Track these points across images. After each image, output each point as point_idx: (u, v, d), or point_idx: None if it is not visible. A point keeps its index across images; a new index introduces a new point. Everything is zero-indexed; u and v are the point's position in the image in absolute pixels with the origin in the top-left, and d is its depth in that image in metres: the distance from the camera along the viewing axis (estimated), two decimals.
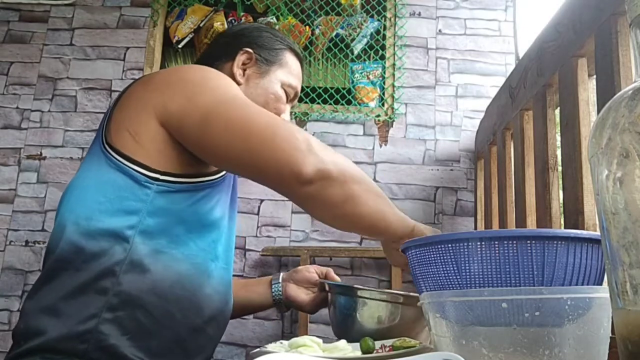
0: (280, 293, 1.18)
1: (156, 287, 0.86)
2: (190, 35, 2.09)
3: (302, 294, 1.17)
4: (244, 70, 1.08)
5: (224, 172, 0.99)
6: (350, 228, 0.95)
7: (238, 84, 1.04)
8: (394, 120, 2.03)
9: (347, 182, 0.84)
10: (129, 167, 0.87)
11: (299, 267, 1.22)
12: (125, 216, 0.86)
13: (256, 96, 1.04)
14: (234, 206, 1.09)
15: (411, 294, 0.94)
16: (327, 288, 1.06)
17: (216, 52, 1.12)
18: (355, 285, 1.00)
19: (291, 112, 2.01)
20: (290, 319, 1.87)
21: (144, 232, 0.86)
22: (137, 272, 0.85)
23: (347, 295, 0.97)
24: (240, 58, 1.08)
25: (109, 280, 0.84)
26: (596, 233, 0.56)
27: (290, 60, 1.13)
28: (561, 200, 1.12)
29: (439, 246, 0.57)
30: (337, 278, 1.19)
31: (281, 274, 1.21)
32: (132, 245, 0.85)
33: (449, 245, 0.56)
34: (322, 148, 0.84)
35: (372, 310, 0.93)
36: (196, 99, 0.87)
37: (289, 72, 1.12)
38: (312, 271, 1.19)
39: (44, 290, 0.85)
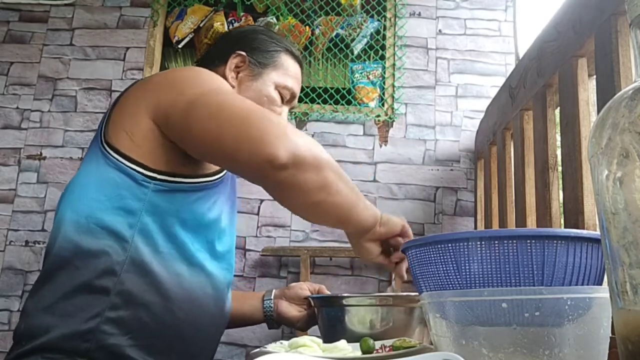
0: (272, 309, 1.18)
1: (157, 287, 0.87)
2: (190, 36, 2.09)
3: (294, 311, 1.16)
4: (237, 73, 1.08)
5: (222, 174, 0.99)
6: (320, 217, 0.91)
7: (231, 87, 1.04)
8: (394, 120, 2.03)
9: (322, 168, 0.81)
10: (126, 165, 0.88)
11: (292, 284, 1.21)
12: (124, 215, 0.86)
13: (249, 98, 1.04)
14: (233, 208, 1.09)
15: (396, 294, 0.95)
16: (312, 303, 1.06)
17: (212, 55, 1.13)
18: (337, 294, 0.99)
19: (291, 112, 2.01)
20: None
21: (143, 231, 0.87)
22: (138, 271, 0.86)
23: (330, 306, 0.97)
24: (233, 61, 1.08)
25: (110, 280, 0.84)
26: (596, 233, 0.56)
27: (286, 62, 1.12)
28: (561, 200, 1.12)
29: (439, 246, 0.57)
30: (329, 294, 1.18)
31: (273, 290, 1.21)
32: (132, 245, 0.86)
33: (449, 245, 0.56)
34: (296, 134, 0.81)
35: (356, 317, 0.93)
36: (183, 91, 0.87)
37: (284, 73, 1.11)
38: (304, 288, 1.18)
39: (44, 289, 0.85)
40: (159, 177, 0.89)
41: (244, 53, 1.08)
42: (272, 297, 1.19)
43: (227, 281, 1.01)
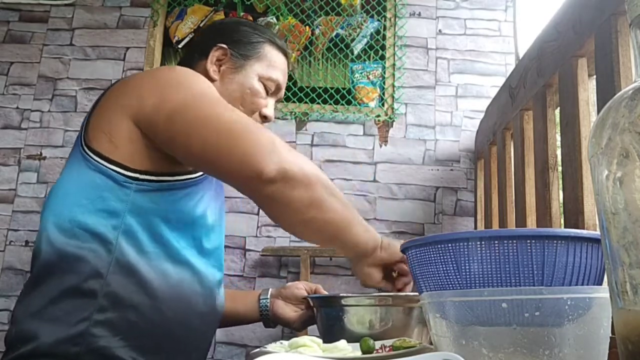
0: (268, 309, 1.17)
1: (144, 287, 0.87)
2: (190, 35, 2.09)
3: (290, 312, 1.15)
4: (219, 66, 1.06)
5: None
6: (313, 235, 0.90)
7: (212, 80, 1.02)
8: (394, 120, 2.03)
9: (312, 185, 0.80)
10: (107, 167, 0.87)
11: (288, 284, 1.20)
12: (107, 217, 0.86)
13: (232, 92, 1.03)
14: (221, 204, 1.08)
15: (396, 294, 0.94)
16: (311, 303, 1.06)
17: (194, 50, 1.11)
18: (335, 294, 0.98)
19: (291, 112, 2.01)
20: None
21: (127, 232, 0.87)
22: (124, 272, 0.85)
23: (329, 306, 0.97)
24: (215, 54, 1.05)
25: (97, 282, 0.84)
26: (596, 232, 0.56)
27: (270, 53, 1.09)
28: (561, 200, 1.12)
29: (439, 246, 0.57)
30: (326, 294, 1.18)
31: (270, 289, 1.20)
32: (116, 246, 0.85)
33: (449, 245, 0.56)
34: (286, 149, 0.80)
35: (355, 317, 0.92)
36: (166, 97, 0.86)
37: (268, 65, 1.08)
38: (300, 287, 1.17)
39: (32, 295, 0.85)
40: (140, 177, 0.88)
41: (225, 46, 1.06)
42: (268, 297, 1.18)
43: (217, 278, 1.00)
